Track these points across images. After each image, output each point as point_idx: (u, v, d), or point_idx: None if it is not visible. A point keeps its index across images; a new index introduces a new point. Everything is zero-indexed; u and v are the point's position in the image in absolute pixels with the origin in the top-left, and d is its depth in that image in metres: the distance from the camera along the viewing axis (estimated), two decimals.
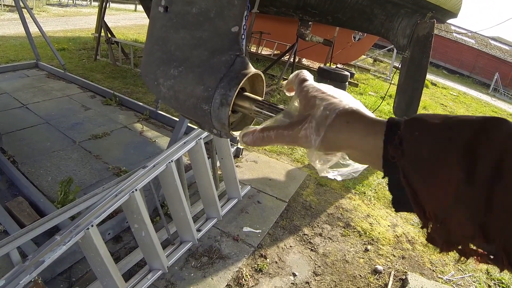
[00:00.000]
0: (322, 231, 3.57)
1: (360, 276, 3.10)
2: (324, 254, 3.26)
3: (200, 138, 3.01)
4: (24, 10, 6.69)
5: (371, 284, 3.03)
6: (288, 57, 9.25)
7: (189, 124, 3.68)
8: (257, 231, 3.38)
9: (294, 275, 2.98)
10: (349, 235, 3.58)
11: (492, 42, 27.58)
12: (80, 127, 4.94)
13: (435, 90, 14.44)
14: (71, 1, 22.48)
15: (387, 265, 3.28)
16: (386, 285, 3.03)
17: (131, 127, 5.22)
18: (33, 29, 6.86)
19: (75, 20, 15.42)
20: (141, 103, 5.88)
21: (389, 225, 3.87)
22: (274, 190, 4.08)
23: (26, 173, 3.71)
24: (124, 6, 23.98)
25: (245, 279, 2.83)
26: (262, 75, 0.72)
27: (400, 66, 6.25)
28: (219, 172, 3.79)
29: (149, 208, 3.03)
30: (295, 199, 4.02)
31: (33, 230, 2.07)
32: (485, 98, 17.35)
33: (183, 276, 2.77)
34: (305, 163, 4.88)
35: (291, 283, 2.90)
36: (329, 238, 3.49)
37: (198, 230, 3.17)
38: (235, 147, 4.55)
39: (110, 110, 5.72)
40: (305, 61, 12.85)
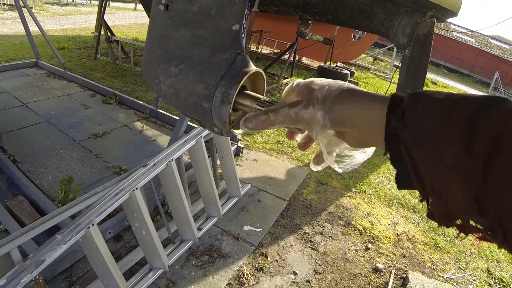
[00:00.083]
0: (323, 229, 3.57)
1: (361, 274, 3.10)
2: (324, 253, 3.26)
3: (201, 137, 3.01)
4: (24, 9, 6.68)
5: (372, 283, 3.03)
6: (288, 55, 9.24)
7: (189, 123, 3.68)
8: (258, 229, 3.38)
9: (295, 273, 2.98)
10: (350, 234, 3.58)
11: (492, 41, 27.57)
12: (80, 126, 4.94)
13: (435, 89, 14.40)
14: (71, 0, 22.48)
15: (388, 263, 3.28)
16: (387, 283, 3.03)
17: (131, 125, 5.22)
18: (33, 28, 6.86)
19: (75, 19, 15.41)
20: (141, 102, 5.87)
21: (389, 224, 3.87)
22: (274, 189, 4.08)
23: (26, 172, 3.71)
24: (124, 5, 23.96)
25: (245, 278, 2.83)
26: (263, 73, 0.72)
27: (400, 65, 6.25)
28: (220, 171, 3.79)
29: (149, 207, 3.03)
30: (296, 197, 4.02)
31: (33, 229, 2.06)
32: None
33: (184, 275, 2.77)
34: (305, 161, 4.87)
35: (291, 281, 2.90)
36: (329, 236, 3.49)
37: (199, 229, 3.17)
38: (235, 146, 4.54)
39: (110, 109, 5.72)
40: (305, 60, 12.84)
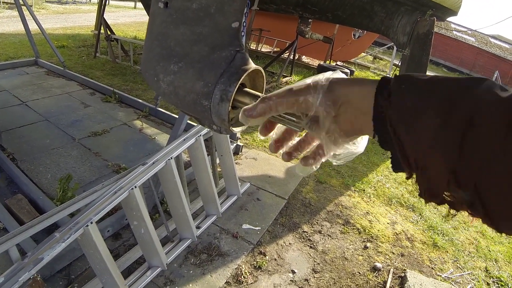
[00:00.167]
0: (322, 228, 3.57)
1: (359, 273, 3.11)
2: (323, 252, 3.27)
3: (200, 135, 3.01)
4: (24, 8, 6.66)
5: (370, 282, 3.03)
6: (288, 54, 9.24)
7: (188, 121, 3.68)
8: (257, 228, 3.38)
9: (293, 272, 2.98)
10: (349, 233, 3.58)
11: (492, 40, 27.54)
12: (80, 124, 4.94)
13: None
14: None
15: (386, 262, 3.28)
16: (385, 282, 3.03)
17: (131, 124, 5.21)
18: (33, 27, 6.84)
19: (74, 18, 15.38)
20: (140, 100, 5.87)
21: (388, 223, 3.87)
22: (273, 187, 4.08)
23: (25, 171, 3.70)
24: (124, 3, 23.88)
25: (244, 276, 2.83)
26: (263, 71, 0.71)
27: (400, 63, 6.25)
28: (219, 169, 3.79)
29: (148, 205, 3.03)
30: (295, 196, 4.03)
31: (32, 228, 2.06)
32: None
33: (182, 273, 2.77)
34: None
35: (290, 280, 2.90)
36: (328, 235, 3.49)
37: (198, 227, 3.17)
38: (234, 144, 4.54)
39: (110, 107, 5.72)
40: (305, 59, 12.82)
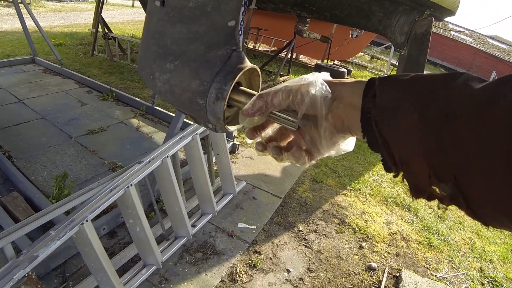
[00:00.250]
0: (317, 227, 3.58)
1: (354, 272, 3.11)
2: (318, 251, 3.27)
3: (196, 134, 3.01)
4: (21, 5, 6.63)
5: (365, 281, 3.04)
6: (285, 53, 9.23)
7: (185, 120, 3.68)
8: (252, 227, 3.38)
9: (288, 271, 2.99)
10: (344, 232, 3.59)
11: (490, 40, 27.63)
12: (76, 123, 4.92)
13: None
14: None
15: (381, 262, 3.29)
16: (380, 282, 3.04)
17: (128, 122, 5.20)
18: (30, 24, 6.81)
19: (72, 16, 15.31)
20: (137, 99, 5.86)
21: (384, 222, 3.88)
22: (269, 186, 4.08)
23: (21, 168, 3.69)
24: (122, 1, 23.82)
25: (239, 275, 2.84)
26: (258, 69, 0.72)
27: (397, 63, 6.26)
28: (215, 168, 3.79)
29: (144, 203, 3.03)
30: (291, 195, 4.03)
31: (27, 225, 2.06)
32: None
33: (177, 271, 2.77)
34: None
35: (285, 279, 2.91)
36: (323, 234, 3.50)
37: (193, 226, 3.17)
38: (231, 143, 4.54)
39: (107, 105, 5.70)
40: (302, 58, 12.83)
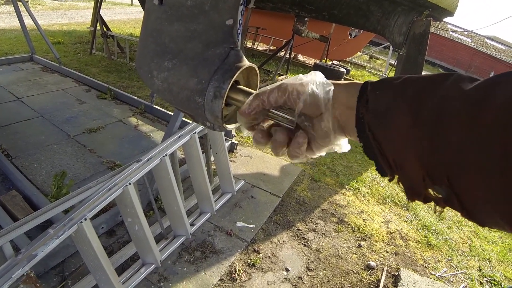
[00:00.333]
0: (316, 226, 3.58)
1: (353, 271, 3.12)
2: (317, 250, 3.28)
3: (195, 133, 3.01)
4: (20, 3, 6.62)
5: (364, 280, 3.05)
6: (284, 52, 9.23)
7: (183, 119, 3.67)
8: (251, 226, 3.38)
9: (287, 270, 2.99)
10: (343, 231, 3.60)
11: (488, 41, 27.67)
12: (75, 121, 4.92)
13: None
14: None
15: (380, 261, 3.30)
16: (379, 281, 3.05)
17: (126, 121, 5.20)
18: (28, 22, 6.79)
19: (70, 14, 15.28)
20: (136, 97, 5.85)
21: (382, 222, 3.89)
22: (268, 185, 4.08)
23: (20, 167, 3.69)
24: (120, 0, 23.79)
25: (238, 274, 2.84)
26: (256, 68, 0.72)
27: (395, 63, 6.27)
28: (213, 167, 3.79)
29: (142, 202, 3.03)
30: (289, 194, 4.04)
31: (26, 224, 2.05)
32: None
33: (176, 270, 2.77)
34: (301, 161, 4.87)
35: (284, 278, 2.91)
36: (322, 233, 3.50)
37: (192, 225, 3.17)
38: (229, 142, 4.54)
39: (105, 104, 5.70)
40: (301, 57, 12.83)
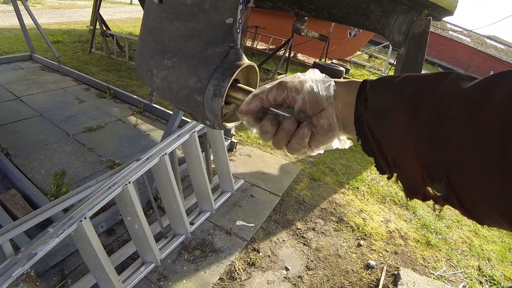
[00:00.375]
0: (315, 225, 3.58)
1: (353, 271, 3.12)
2: (316, 249, 3.28)
3: (194, 131, 3.01)
4: (19, 2, 6.60)
5: (363, 279, 3.05)
6: (283, 51, 9.23)
7: (183, 117, 3.68)
8: (250, 225, 3.39)
9: (287, 269, 3.00)
10: (342, 230, 3.60)
11: (488, 40, 27.67)
12: (74, 120, 4.91)
13: None
14: None
15: (380, 260, 3.30)
16: (378, 280, 3.05)
17: (125, 120, 5.19)
18: (28, 21, 6.78)
19: (70, 13, 15.26)
20: (135, 96, 5.85)
21: (382, 221, 3.89)
22: (267, 184, 4.08)
23: (19, 166, 3.68)
24: None
25: (237, 273, 2.84)
26: (256, 67, 0.72)
27: (395, 62, 6.27)
28: (213, 166, 3.79)
29: (142, 201, 3.03)
30: (289, 193, 4.04)
31: (25, 223, 2.06)
32: None
33: (176, 269, 2.77)
34: (299, 157, 4.88)
35: (283, 277, 2.91)
36: (322, 232, 3.50)
37: (191, 224, 3.17)
38: (229, 141, 4.54)
39: (105, 103, 5.69)
40: (300, 56, 12.82)
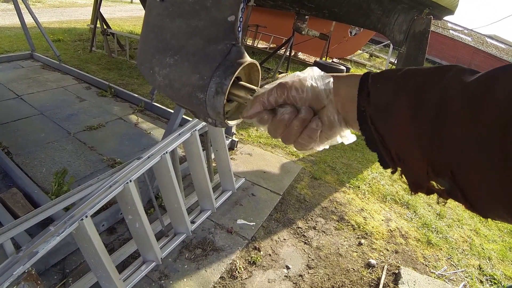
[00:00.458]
0: (316, 224, 3.58)
1: (353, 269, 3.12)
2: (317, 248, 3.28)
3: (195, 130, 3.01)
4: (20, 1, 6.60)
5: (364, 278, 3.05)
6: (284, 50, 9.23)
7: (184, 116, 3.67)
8: (251, 223, 3.39)
9: (288, 268, 3.00)
10: (343, 229, 3.60)
11: (489, 40, 27.60)
12: (75, 119, 4.92)
13: None
14: None
15: (380, 259, 3.30)
16: (379, 279, 3.05)
17: (126, 118, 5.20)
18: (28, 20, 6.79)
19: (70, 11, 15.26)
20: (136, 95, 5.85)
21: (382, 220, 3.89)
22: (268, 183, 4.08)
23: (20, 164, 3.69)
24: None
25: (238, 272, 2.84)
26: (258, 64, 0.72)
27: (396, 61, 6.26)
28: (214, 164, 3.79)
29: (143, 199, 3.03)
30: (290, 192, 4.04)
31: (27, 221, 2.06)
32: None
33: (177, 267, 2.77)
34: (299, 156, 4.89)
35: (284, 276, 2.91)
36: (322, 231, 3.51)
37: (192, 222, 3.17)
38: (230, 140, 4.54)
39: (105, 101, 5.69)
40: (301, 55, 12.81)
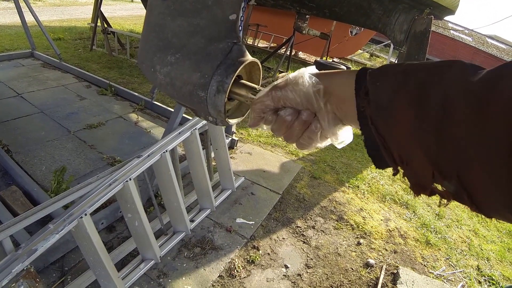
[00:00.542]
0: (315, 223, 3.59)
1: (352, 269, 3.13)
2: (316, 247, 3.28)
3: (195, 129, 3.01)
4: None
5: (363, 278, 3.06)
6: (284, 50, 9.23)
7: (184, 115, 3.68)
8: (250, 222, 3.39)
9: (286, 267, 3.00)
10: (342, 229, 3.60)
11: (489, 40, 27.59)
12: (75, 117, 4.92)
13: None
14: None
15: (379, 259, 3.31)
16: (378, 279, 3.06)
17: (126, 117, 5.20)
18: (29, 18, 6.78)
19: (71, 10, 15.25)
20: (136, 94, 5.84)
21: (382, 219, 3.89)
22: (268, 182, 4.09)
23: (20, 162, 3.69)
24: None
25: (237, 270, 2.85)
26: (259, 63, 0.72)
27: (396, 61, 6.26)
28: (214, 163, 3.80)
29: (142, 198, 3.03)
30: (289, 191, 4.04)
31: (26, 219, 2.06)
32: None
33: (176, 266, 2.78)
34: (299, 155, 4.89)
35: (283, 275, 2.92)
36: (321, 231, 3.51)
37: (191, 221, 3.17)
38: (230, 138, 4.54)
39: (106, 100, 5.69)
40: (301, 55, 12.82)
